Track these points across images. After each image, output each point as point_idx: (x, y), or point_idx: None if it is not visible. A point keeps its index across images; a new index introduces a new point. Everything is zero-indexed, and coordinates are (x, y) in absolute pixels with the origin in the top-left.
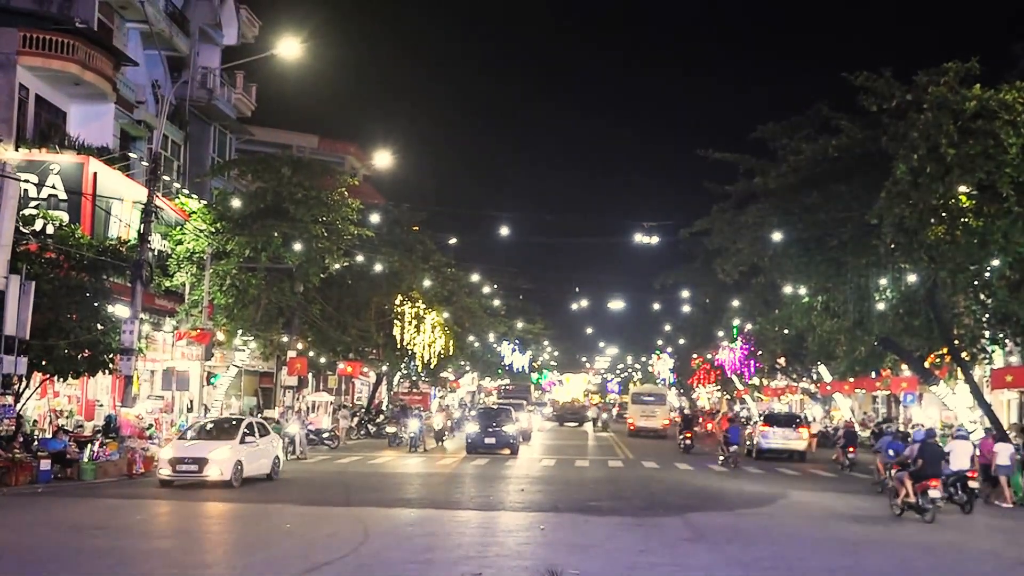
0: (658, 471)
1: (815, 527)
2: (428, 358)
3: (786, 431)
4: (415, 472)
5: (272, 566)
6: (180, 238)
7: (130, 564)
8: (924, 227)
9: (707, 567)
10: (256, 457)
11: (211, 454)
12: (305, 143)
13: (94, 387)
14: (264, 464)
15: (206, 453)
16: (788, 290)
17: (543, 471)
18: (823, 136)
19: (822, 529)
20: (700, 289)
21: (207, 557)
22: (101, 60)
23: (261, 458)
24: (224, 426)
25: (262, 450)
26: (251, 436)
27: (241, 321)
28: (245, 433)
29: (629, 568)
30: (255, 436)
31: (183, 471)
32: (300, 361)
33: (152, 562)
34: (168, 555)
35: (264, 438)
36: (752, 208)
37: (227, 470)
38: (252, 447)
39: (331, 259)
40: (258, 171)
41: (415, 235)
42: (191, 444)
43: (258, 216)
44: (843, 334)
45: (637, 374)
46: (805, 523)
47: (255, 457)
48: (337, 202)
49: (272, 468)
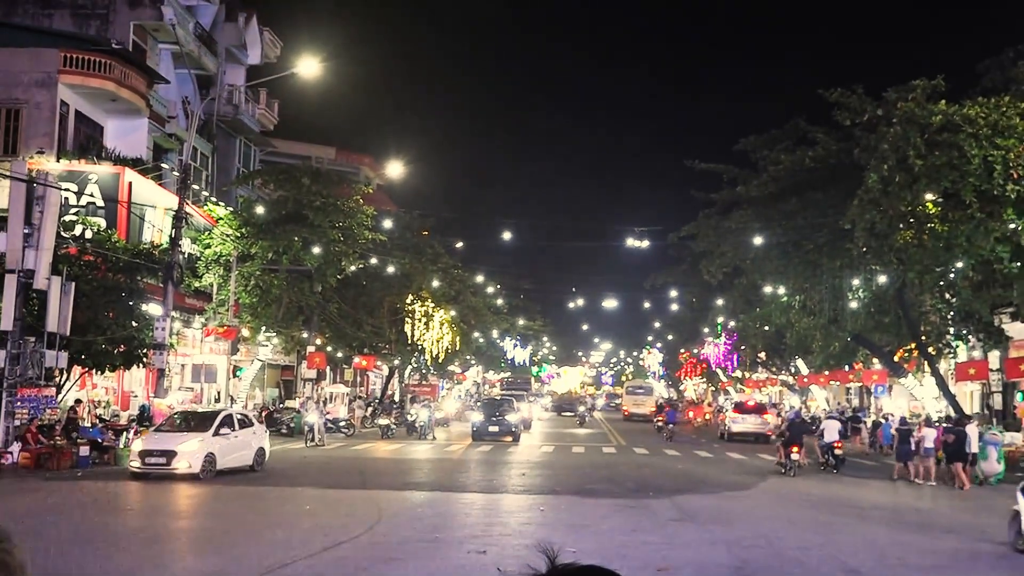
0: (648, 457)
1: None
2: (436, 353)
3: (753, 417)
4: (424, 458)
5: (294, 544)
6: (208, 242)
7: (162, 542)
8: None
9: (694, 544)
10: (234, 449)
11: (180, 446)
12: (323, 154)
13: (129, 379)
14: (245, 456)
15: (174, 445)
16: (768, 290)
17: (543, 457)
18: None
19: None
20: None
21: (233, 536)
22: (135, 78)
23: (240, 449)
24: (200, 418)
25: (241, 441)
26: (227, 428)
27: (264, 319)
28: (221, 425)
29: (622, 546)
30: (233, 428)
31: (151, 463)
32: (319, 355)
33: (182, 539)
34: (197, 533)
35: (245, 430)
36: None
37: (196, 462)
38: (227, 439)
39: (347, 261)
40: (280, 180)
41: (425, 239)
42: (160, 436)
43: (280, 222)
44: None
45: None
46: (782, 505)
47: (232, 449)
48: (353, 209)
49: (255, 459)
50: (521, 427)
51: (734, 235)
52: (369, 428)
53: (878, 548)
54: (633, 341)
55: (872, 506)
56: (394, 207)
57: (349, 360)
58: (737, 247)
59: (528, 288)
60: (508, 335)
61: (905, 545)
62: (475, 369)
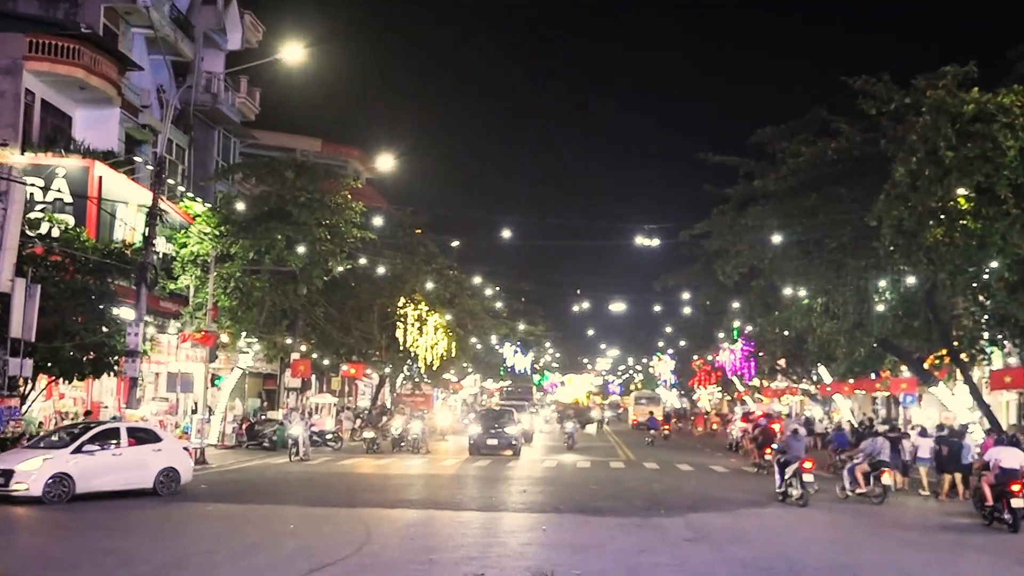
0: (659, 472)
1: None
2: (430, 360)
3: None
4: (417, 473)
5: (276, 566)
6: (184, 241)
7: (131, 564)
8: (923, 229)
9: (708, 566)
10: (113, 469)
11: (20, 465)
12: (308, 147)
13: (99, 389)
14: (135, 477)
15: (14, 464)
16: (788, 292)
17: (545, 472)
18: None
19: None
20: (700, 291)
21: (214, 557)
22: (106, 65)
23: (126, 470)
24: (75, 433)
25: (128, 460)
26: (98, 444)
27: (245, 323)
28: (90, 440)
29: (631, 569)
30: (112, 444)
31: None
32: (303, 363)
33: (154, 561)
34: (169, 554)
35: (142, 446)
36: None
37: (37, 484)
38: (95, 456)
39: (334, 262)
40: (262, 175)
41: (417, 238)
42: (12, 454)
43: (262, 219)
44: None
45: (638, 376)
46: (801, 522)
47: (109, 469)
48: (340, 205)
49: (159, 481)
50: (522, 440)
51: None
52: (358, 441)
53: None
54: (642, 347)
55: (894, 523)
56: (385, 203)
57: (336, 368)
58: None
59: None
60: (508, 341)
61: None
62: (472, 377)
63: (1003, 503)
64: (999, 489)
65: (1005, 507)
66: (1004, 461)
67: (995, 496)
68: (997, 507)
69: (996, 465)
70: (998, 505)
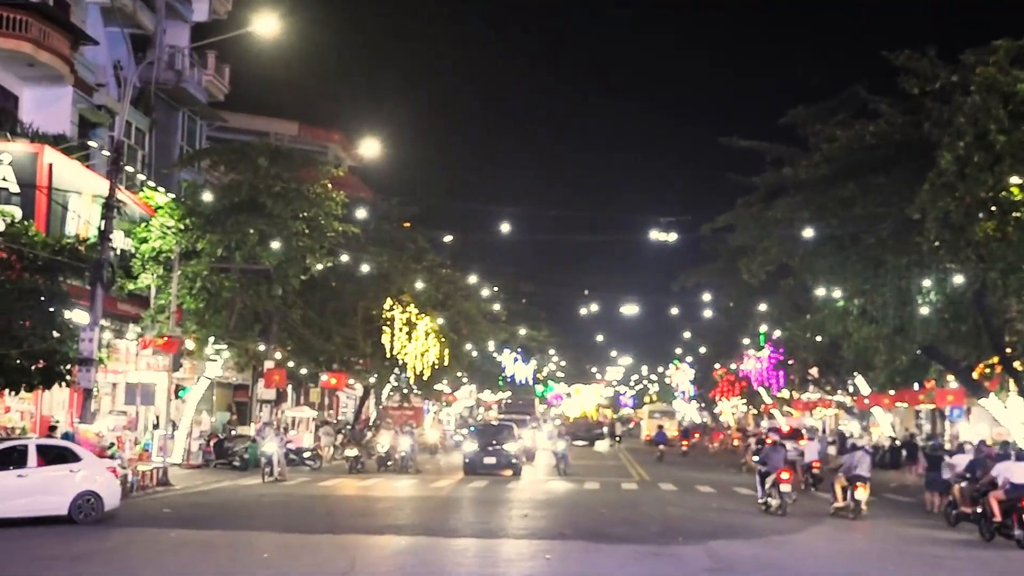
0: (677, 494)
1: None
2: (420, 369)
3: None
4: (407, 496)
5: None
6: (145, 236)
7: None
8: (972, 223)
9: None
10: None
11: None
12: (284, 130)
13: (49, 401)
14: (44, 502)
15: None
16: (821, 293)
17: (549, 494)
18: (860, 122)
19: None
20: (723, 292)
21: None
22: (57, 39)
23: (32, 494)
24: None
25: (35, 483)
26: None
27: (213, 328)
28: None
29: None
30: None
31: None
32: (278, 372)
33: None
34: None
35: (55, 466)
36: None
37: None
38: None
39: (313, 259)
40: (232, 161)
41: (406, 232)
42: None
43: (232, 211)
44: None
45: (653, 386)
46: (839, 552)
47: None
48: (320, 195)
49: (75, 505)
50: (523, 458)
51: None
52: (340, 460)
53: None
54: (658, 355)
55: (950, 555)
56: (370, 193)
57: (315, 378)
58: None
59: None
60: (507, 347)
61: None
62: (467, 388)
63: (1013, 519)
64: (1009, 505)
65: (1015, 523)
66: (1015, 477)
67: (1004, 512)
68: (1006, 523)
69: (1007, 481)
70: (1007, 521)
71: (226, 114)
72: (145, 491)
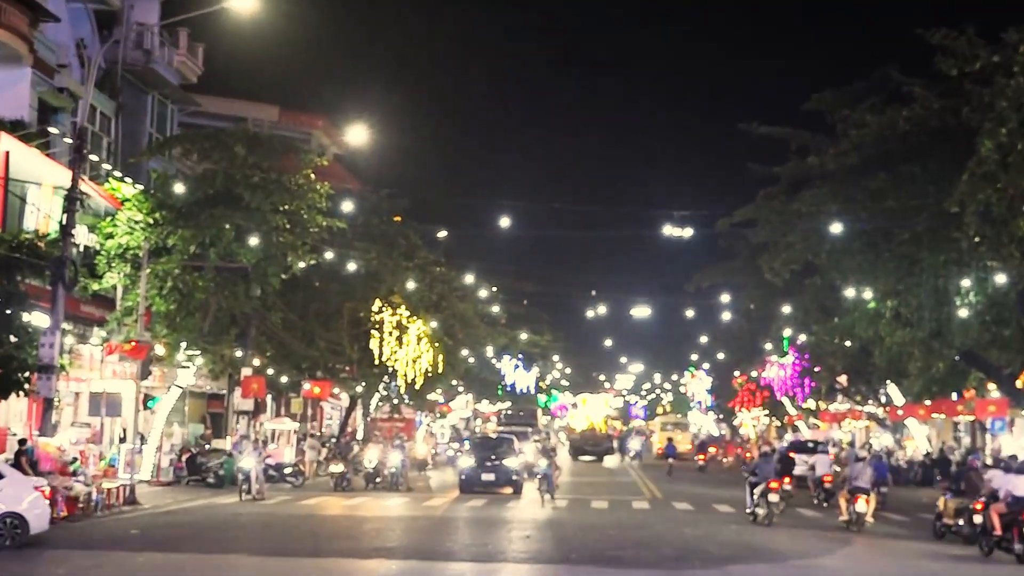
0: (692, 513)
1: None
2: (412, 376)
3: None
4: (397, 515)
5: None
6: (111, 231)
7: None
8: (1015, 216)
9: None
10: None
11: None
12: (263, 115)
13: (6, 412)
14: None
15: None
16: (850, 293)
17: (553, 514)
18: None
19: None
20: (743, 293)
21: None
22: (14, 15)
23: None
24: None
25: None
26: None
27: (185, 332)
28: None
29: None
30: None
31: None
32: (257, 380)
33: None
34: None
35: None
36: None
37: None
38: None
39: (295, 256)
40: (206, 149)
41: (397, 227)
42: None
43: (206, 204)
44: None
45: (667, 396)
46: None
47: None
48: (302, 187)
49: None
50: (524, 474)
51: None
52: (324, 476)
53: None
54: (672, 361)
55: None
56: (357, 184)
57: (297, 387)
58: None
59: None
60: (507, 353)
61: None
62: (464, 398)
63: (1014, 532)
64: (1011, 518)
65: (1016, 537)
66: (1017, 490)
67: (1005, 526)
68: (1006, 537)
69: (1008, 494)
70: (1007, 535)
71: (200, 98)
72: (111, 510)
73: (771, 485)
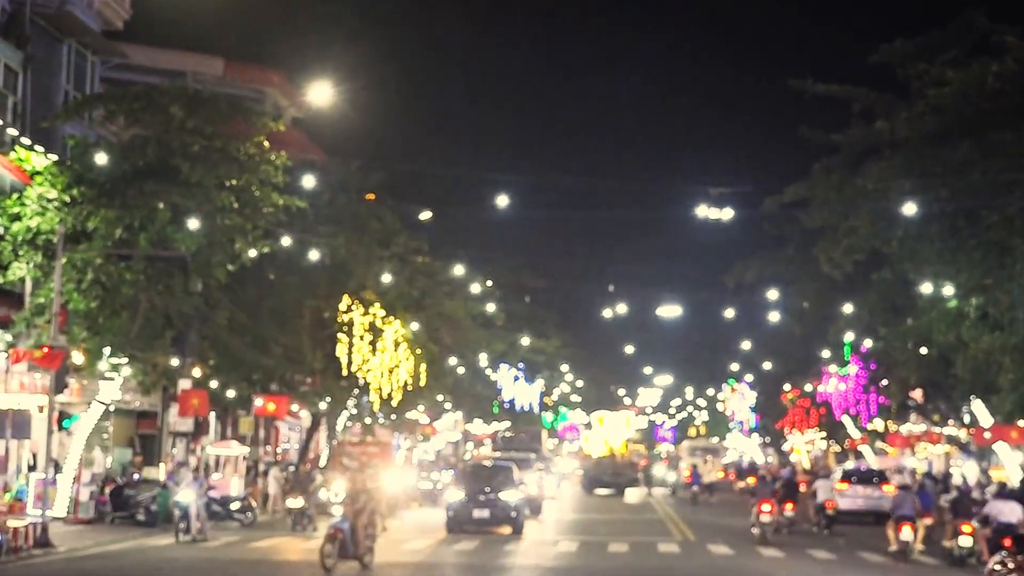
0: (732, 559)
1: None
2: (389, 390)
3: (868, 489)
4: None
5: None
6: (17, 212)
7: None
8: None
9: None
10: None
11: None
12: (206, 69)
13: None
14: None
15: None
16: (926, 289)
17: (561, 559)
18: (979, 60)
19: None
20: (794, 288)
21: None
22: None
23: None
24: None
25: None
26: None
27: (109, 335)
28: None
29: None
30: None
31: None
32: (197, 395)
33: None
34: None
35: None
36: (872, 167)
37: None
38: None
39: (244, 243)
40: (135, 111)
41: (370, 207)
42: None
43: (135, 178)
44: (1009, 355)
45: (701, 414)
46: None
47: None
48: (253, 157)
49: None
50: (526, 510)
51: (870, 200)
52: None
53: None
54: (707, 373)
55: None
56: (321, 155)
57: (247, 402)
58: (875, 220)
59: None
60: (505, 362)
61: None
62: (452, 417)
63: None
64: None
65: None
66: (1002, 515)
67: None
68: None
69: (994, 519)
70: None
71: (127, 47)
72: (17, 555)
73: (762, 507)
